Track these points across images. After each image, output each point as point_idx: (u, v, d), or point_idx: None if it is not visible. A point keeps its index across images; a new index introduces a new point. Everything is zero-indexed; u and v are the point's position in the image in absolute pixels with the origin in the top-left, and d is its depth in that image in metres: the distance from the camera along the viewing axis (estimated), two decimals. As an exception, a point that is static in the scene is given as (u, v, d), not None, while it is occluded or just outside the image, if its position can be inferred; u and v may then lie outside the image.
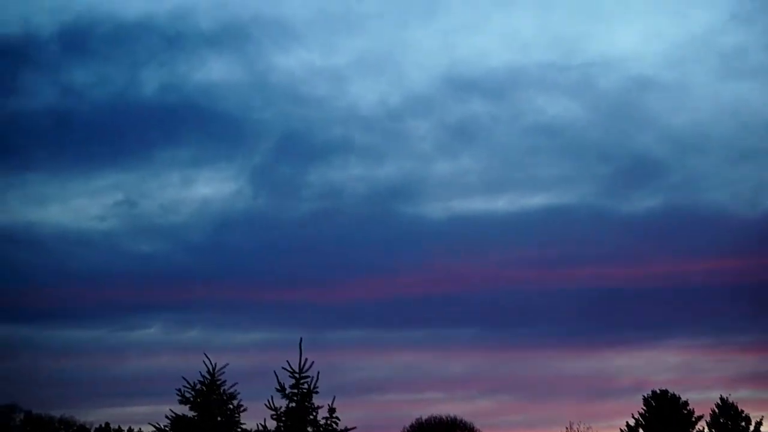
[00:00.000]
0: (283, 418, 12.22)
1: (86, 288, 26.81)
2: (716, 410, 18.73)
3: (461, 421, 22.42)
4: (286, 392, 12.26)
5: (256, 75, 28.27)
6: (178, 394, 12.75)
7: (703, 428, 18.30)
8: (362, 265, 27.15)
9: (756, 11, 27.24)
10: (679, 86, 27.98)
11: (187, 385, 12.51)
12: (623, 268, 27.14)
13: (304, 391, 12.28)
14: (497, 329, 28.55)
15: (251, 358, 24.39)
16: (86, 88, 28.51)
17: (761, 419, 18.67)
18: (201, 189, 28.75)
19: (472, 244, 27.75)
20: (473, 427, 22.32)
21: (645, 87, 27.86)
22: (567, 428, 19.27)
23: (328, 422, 12.23)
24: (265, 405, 12.31)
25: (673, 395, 18.81)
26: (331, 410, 12.35)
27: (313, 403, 12.40)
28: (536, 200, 28.59)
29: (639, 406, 18.80)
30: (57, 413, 23.34)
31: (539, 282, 28.47)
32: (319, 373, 12.19)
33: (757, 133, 27.98)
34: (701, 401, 20.21)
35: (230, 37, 28.11)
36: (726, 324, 27.47)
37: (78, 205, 28.92)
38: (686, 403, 18.77)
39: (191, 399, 12.53)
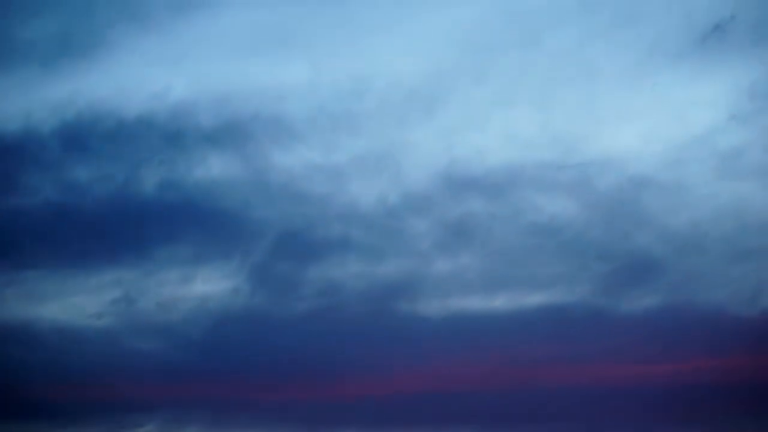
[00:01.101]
0: None
1: (82, 386, 26.84)
2: None
3: None
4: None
5: (256, 172, 28.52)
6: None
7: None
8: (360, 362, 27.18)
9: (755, 112, 27.47)
10: (678, 186, 28.14)
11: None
12: (622, 367, 27.09)
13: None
14: (496, 428, 28.31)
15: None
16: (86, 185, 28.81)
17: None
18: (199, 286, 28.81)
19: (470, 343, 27.73)
20: None
21: (643, 186, 28.02)
22: None
23: None
24: None
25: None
26: None
27: None
28: (535, 299, 28.58)
29: None
30: None
31: (538, 380, 28.36)
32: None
33: (756, 233, 28.01)
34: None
35: (230, 134, 28.42)
36: (725, 423, 27.26)
37: (76, 302, 29.00)
38: None
39: None
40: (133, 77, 27.90)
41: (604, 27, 27.67)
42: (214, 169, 28.48)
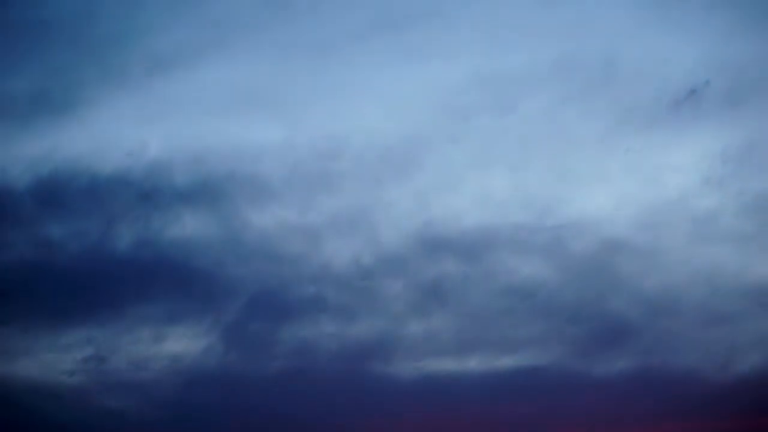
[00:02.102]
0: None
1: (51, 445, 26.68)
2: None
3: None
4: None
5: (231, 231, 28.64)
6: None
7: None
8: (334, 423, 27.18)
9: (728, 176, 27.81)
10: (652, 249, 28.43)
11: None
12: (595, 430, 27.13)
13: None
14: (469, 490, 28.39)
15: None
16: (60, 241, 28.86)
17: None
18: (172, 345, 28.80)
19: (443, 404, 27.78)
20: None
21: (617, 249, 28.32)
22: None
23: None
24: None
25: None
26: None
27: None
28: (508, 360, 28.69)
29: None
30: None
31: (512, 444, 28.41)
32: None
33: (729, 298, 28.26)
34: None
35: (205, 193, 28.59)
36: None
37: (48, 359, 28.93)
38: None
39: None
40: (109, 134, 28.08)
41: (579, 92, 28.04)
42: (188, 227, 28.60)
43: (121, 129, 28.68)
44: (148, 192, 28.60)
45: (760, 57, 27.66)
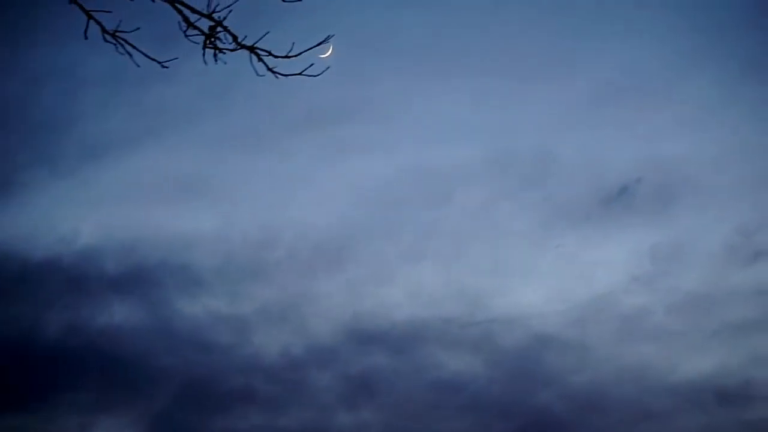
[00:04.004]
0: None
1: None
2: None
3: None
4: None
5: (161, 320, 28.88)
6: None
7: None
8: None
9: (656, 274, 28.38)
10: (581, 345, 28.99)
11: None
12: None
13: None
14: None
15: None
16: (-13, 327, 28.80)
17: None
18: (99, 434, 28.74)
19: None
20: None
21: (547, 345, 28.87)
22: None
23: None
24: None
25: None
26: None
27: None
28: (436, 455, 28.88)
29: None
30: None
31: None
32: None
33: (657, 395, 28.78)
34: None
35: (136, 281, 28.77)
36: None
37: (-30, 448, 28.78)
38: None
39: None
40: (41, 220, 28.26)
41: (513, 187, 28.80)
42: (118, 315, 28.85)
43: (53, 215, 28.86)
44: (78, 279, 28.79)
45: (691, 155, 28.33)
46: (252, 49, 8.41)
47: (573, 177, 29.04)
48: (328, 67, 8.47)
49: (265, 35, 8.40)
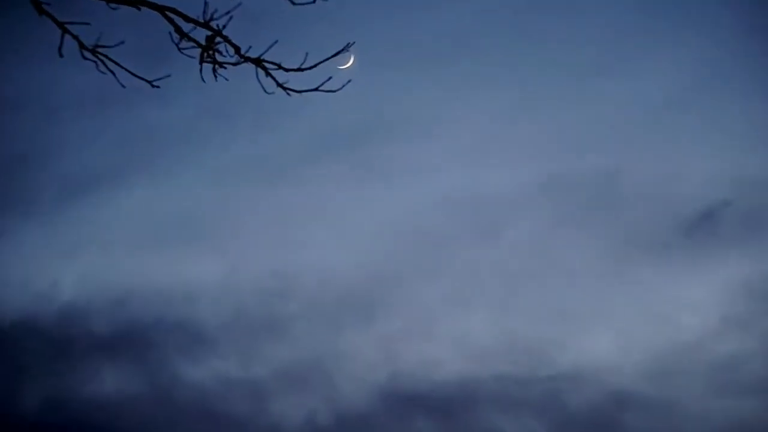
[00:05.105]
0: None
1: None
2: None
3: None
4: None
5: (159, 388, 28.91)
6: None
7: None
8: None
9: (752, 314, 28.11)
10: (665, 403, 28.58)
11: None
12: None
13: None
14: None
15: None
16: (-45, 401, 28.98)
17: None
18: None
19: None
20: None
21: (624, 404, 28.55)
22: None
23: None
24: None
25: None
26: None
27: None
28: None
29: None
30: None
31: None
32: None
33: (759, 459, 28.35)
34: None
35: (128, 342, 28.84)
36: None
37: None
38: None
39: None
40: (13, 273, 28.46)
41: (574, 215, 28.67)
42: (108, 384, 28.87)
43: (28, 266, 29.02)
44: (60, 341, 28.83)
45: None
46: (258, 62, 8.39)
47: (646, 200, 28.80)
48: (349, 80, 8.42)
49: (273, 45, 8.38)
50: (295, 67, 8.33)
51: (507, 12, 26.57)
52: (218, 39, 8.17)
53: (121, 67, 8.15)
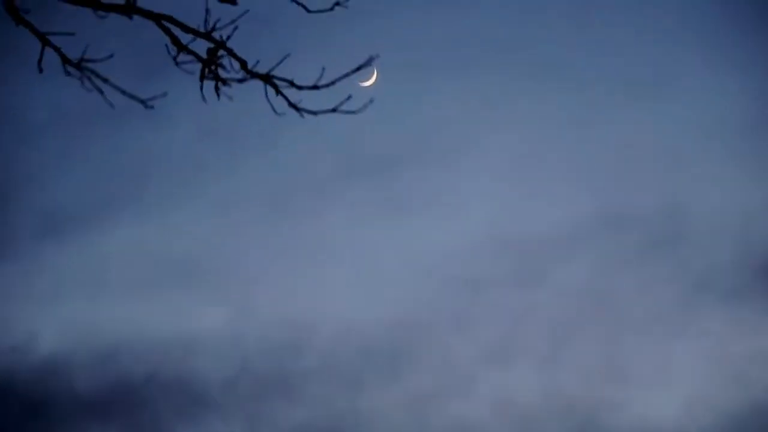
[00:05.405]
0: None
1: None
2: None
3: None
4: None
5: (154, 456, 28.87)
6: None
7: None
8: None
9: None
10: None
11: None
12: None
13: None
14: None
15: None
16: None
17: None
18: None
19: None
20: None
21: (692, 470, 28.29)
22: None
23: None
24: None
25: None
26: None
27: None
28: None
29: None
30: None
31: None
32: None
33: None
34: None
35: (117, 402, 28.90)
36: None
37: None
38: None
39: None
40: (-13, 323, 28.50)
41: (633, 256, 28.46)
42: (94, 452, 28.81)
43: (2, 314, 29.14)
44: (38, 401, 28.91)
45: None
46: (267, 79, 8.43)
47: (716, 238, 28.73)
48: (371, 99, 8.44)
49: (284, 59, 8.43)
50: (310, 84, 8.37)
51: (555, 14, 26.63)
52: (221, 52, 8.22)
53: (110, 84, 8.20)
